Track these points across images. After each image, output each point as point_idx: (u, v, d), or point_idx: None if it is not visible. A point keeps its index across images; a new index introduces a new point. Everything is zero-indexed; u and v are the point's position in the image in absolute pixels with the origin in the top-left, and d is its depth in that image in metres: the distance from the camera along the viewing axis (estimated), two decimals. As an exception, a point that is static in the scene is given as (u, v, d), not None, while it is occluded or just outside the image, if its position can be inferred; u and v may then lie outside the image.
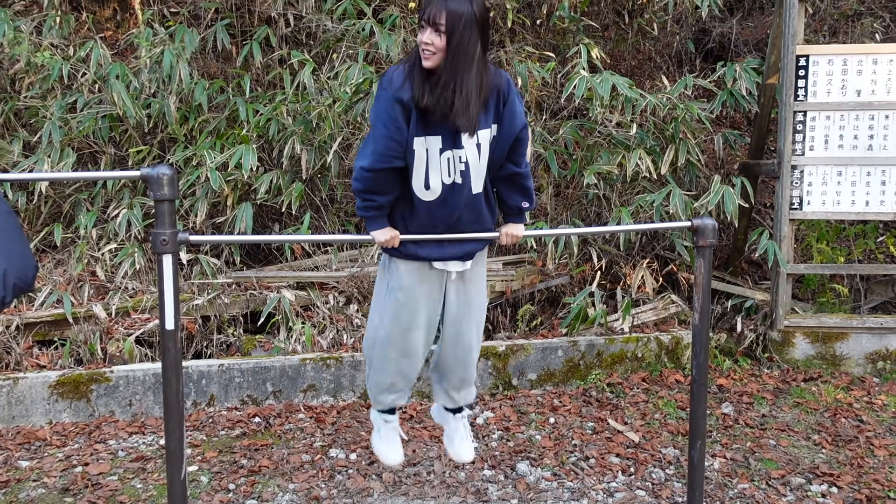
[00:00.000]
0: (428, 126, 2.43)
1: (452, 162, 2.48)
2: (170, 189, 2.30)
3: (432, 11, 2.32)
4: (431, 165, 2.46)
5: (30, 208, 4.92)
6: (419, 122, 2.41)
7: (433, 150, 2.45)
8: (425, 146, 2.44)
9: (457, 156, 2.47)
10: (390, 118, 2.38)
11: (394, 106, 2.38)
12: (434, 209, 2.54)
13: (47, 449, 3.66)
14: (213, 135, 4.95)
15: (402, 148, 2.42)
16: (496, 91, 2.46)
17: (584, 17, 5.89)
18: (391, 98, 2.38)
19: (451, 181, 2.50)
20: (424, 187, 2.50)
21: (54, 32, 5.20)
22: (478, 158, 2.49)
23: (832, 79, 4.73)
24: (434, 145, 2.44)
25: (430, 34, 2.33)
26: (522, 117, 2.55)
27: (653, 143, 5.13)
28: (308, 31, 5.66)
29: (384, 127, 2.39)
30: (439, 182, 2.49)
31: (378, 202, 2.51)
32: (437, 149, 2.45)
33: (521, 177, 2.63)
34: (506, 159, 2.58)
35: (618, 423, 4.02)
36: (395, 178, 2.49)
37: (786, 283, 4.85)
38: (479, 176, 2.53)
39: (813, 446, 3.80)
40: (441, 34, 2.32)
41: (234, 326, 4.54)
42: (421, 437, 3.81)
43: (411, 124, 2.40)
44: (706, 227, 2.67)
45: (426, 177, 2.48)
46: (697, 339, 2.73)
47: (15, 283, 2.15)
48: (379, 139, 2.41)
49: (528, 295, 5.00)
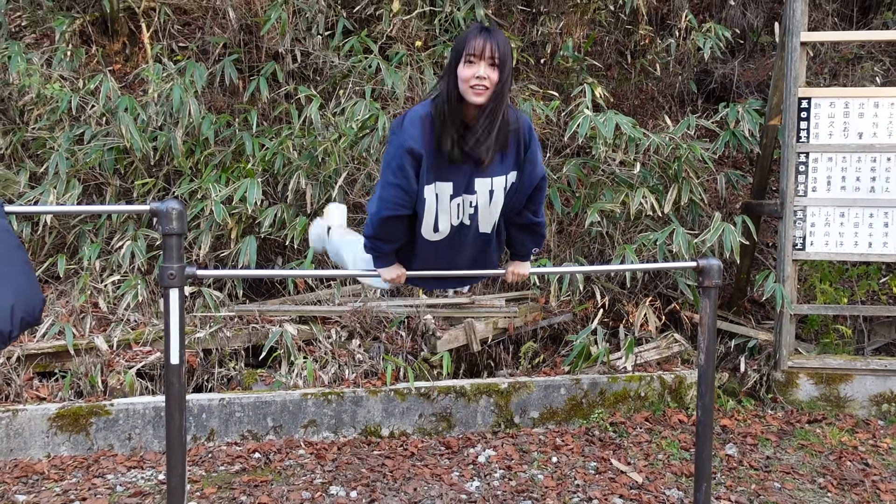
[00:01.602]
0: (440, 173, 2.39)
1: (462, 206, 2.47)
2: (178, 223, 2.30)
3: (485, 45, 2.24)
4: (441, 209, 2.44)
5: (34, 239, 4.92)
6: (431, 169, 2.37)
7: (444, 196, 2.42)
8: (436, 192, 2.41)
9: (467, 201, 2.46)
10: (399, 168, 2.35)
11: (403, 156, 2.34)
12: (440, 248, 2.55)
13: (45, 483, 3.62)
14: (219, 168, 4.98)
15: (409, 197, 2.39)
16: (517, 136, 2.41)
17: (587, 56, 5.96)
18: (401, 147, 2.34)
19: (459, 222, 2.50)
20: (433, 230, 2.50)
21: (64, 65, 5.26)
22: (488, 203, 2.47)
23: (834, 121, 4.78)
24: (445, 191, 2.42)
25: (486, 68, 2.25)
26: (542, 167, 2.51)
27: (656, 181, 5.16)
28: (315, 66, 5.73)
29: (392, 175, 2.36)
30: (448, 224, 2.49)
31: (384, 250, 2.53)
32: (448, 195, 2.43)
33: (538, 226, 2.64)
34: (524, 208, 2.56)
35: (621, 463, 3.98)
36: (404, 225, 2.47)
37: (789, 324, 4.84)
38: (487, 218, 2.52)
39: (818, 490, 3.75)
40: (495, 68, 2.26)
41: (235, 360, 4.52)
42: (422, 476, 3.77)
43: (422, 172, 2.37)
44: (712, 267, 2.68)
45: (435, 221, 2.47)
46: (703, 380, 2.72)
47: (23, 318, 2.15)
48: (387, 187, 2.38)
49: (531, 332, 4.98)
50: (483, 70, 2.25)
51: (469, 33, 2.28)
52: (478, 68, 2.25)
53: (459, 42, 2.30)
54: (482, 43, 2.24)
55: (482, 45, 2.24)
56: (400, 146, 2.34)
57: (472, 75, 2.26)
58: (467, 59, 2.26)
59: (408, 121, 2.35)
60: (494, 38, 2.25)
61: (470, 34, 2.27)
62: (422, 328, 4.75)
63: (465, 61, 2.27)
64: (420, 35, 5.70)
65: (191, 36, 6.03)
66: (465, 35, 2.29)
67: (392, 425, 4.27)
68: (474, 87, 2.27)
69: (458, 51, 2.29)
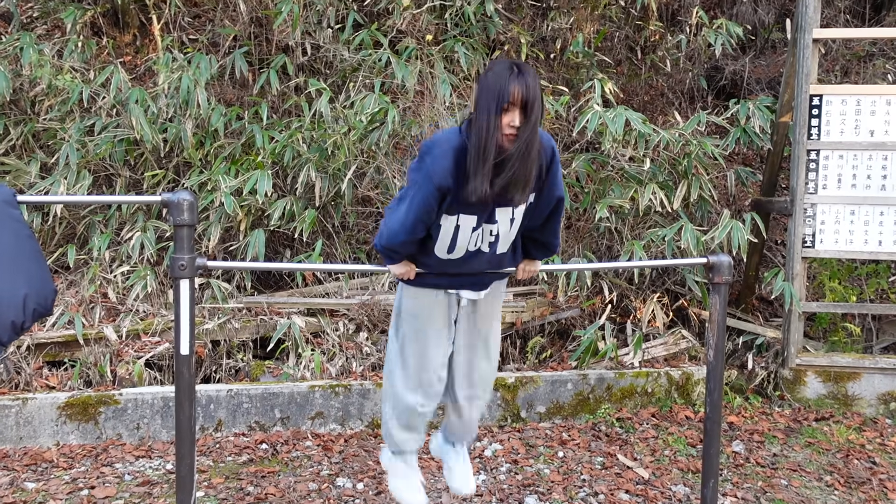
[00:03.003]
0: (465, 205, 2.36)
1: (482, 235, 2.47)
2: (189, 215, 2.31)
3: (522, 93, 2.18)
4: (460, 236, 2.44)
5: (44, 229, 4.95)
6: (456, 201, 2.34)
7: (465, 227, 2.41)
8: (457, 223, 2.40)
9: (488, 230, 2.46)
10: (424, 202, 2.32)
11: (432, 193, 2.30)
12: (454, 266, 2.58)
13: (54, 471, 3.65)
14: (229, 160, 4.99)
15: (428, 226, 2.40)
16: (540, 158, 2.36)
17: (597, 52, 5.95)
18: (430, 182, 2.28)
19: (477, 248, 2.51)
20: (447, 251, 2.51)
21: (75, 56, 5.27)
22: (509, 229, 2.49)
23: (846, 118, 4.75)
24: (467, 223, 2.41)
25: (519, 115, 2.21)
26: (561, 189, 2.48)
27: (665, 178, 5.14)
28: (325, 60, 5.73)
29: (417, 209, 2.33)
30: (464, 250, 2.50)
31: (395, 259, 2.56)
32: (471, 227, 2.42)
33: (551, 246, 2.66)
34: (539, 232, 2.57)
35: (627, 458, 3.99)
36: (418, 242, 2.49)
37: (798, 322, 4.83)
38: (506, 242, 2.55)
39: (825, 487, 3.75)
40: (525, 115, 2.21)
41: (243, 352, 4.54)
42: (429, 469, 3.78)
43: (445, 203, 2.35)
44: (722, 263, 2.67)
45: (452, 245, 2.48)
46: (712, 376, 2.72)
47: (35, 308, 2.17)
48: (410, 216, 2.34)
49: (539, 327, 4.99)
50: (517, 118, 2.21)
51: (505, 77, 2.19)
52: (513, 116, 2.21)
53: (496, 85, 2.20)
54: (518, 90, 2.18)
55: (517, 93, 2.18)
56: (429, 181, 2.29)
57: (507, 124, 2.21)
58: (503, 106, 2.20)
59: (440, 152, 2.29)
60: (528, 83, 2.19)
61: (506, 78, 2.19)
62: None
63: (499, 108, 2.20)
64: (430, 29, 5.69)
65: (201, 28, 6.03)
66: (500, 78, 2.20)
67: (399, 418, 4.27)
68: (507, 135, 2.23)
69: (498, 97, 2.19)
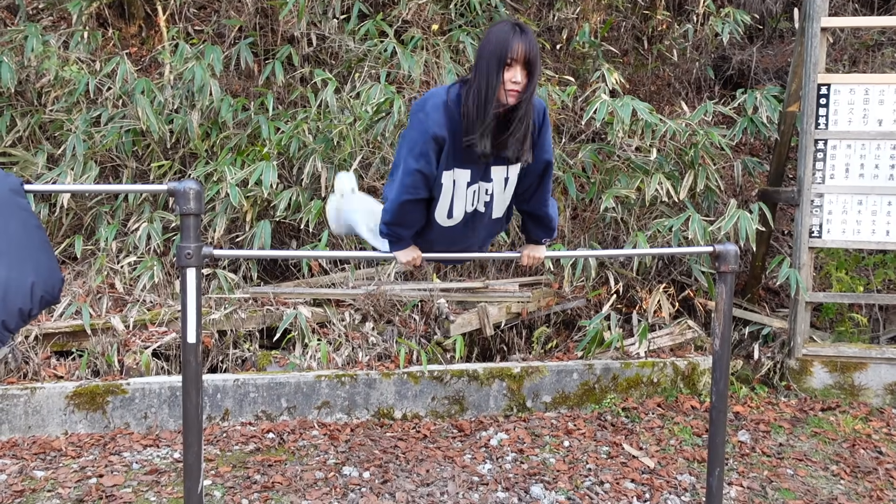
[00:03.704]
0: (459, 160, 2.41)
1: (478, 193, 2.51)
2: (196, 203, 2.32)
3: (525, 50, 2.25)
4: (457, 196, 2.48)
5: (52, 220, 4.96)
6: (451, 156, 2.39)
7: (461, 182, 2.46)
8: (453, 178, 2.44)
9: (483, 188, 2.50)
10: (422, 153, 2.36)
11: (428, 142, 2.35)
12: (454, 233, 2.59)
13: (62, 459, 3.67)
14: (234, 151, 5.00)
15: (429, 181, 2.41)
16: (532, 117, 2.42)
17: (603, 42, 5.92)
18: (426, 133, 2.34)
19: (474, 209, 2.54)
20: (447, 216, 2.53)
21: (81, 47, 5.28)
22: (503, 189, 2.53)
23: (854, 108, 4.73)
24: (462, 178, 2.45)
25: (521, 72, 2.28)
26: (550, 152, 2.52)
27: (672, 168, 5.13)
28: (330, 50, 5.72)
29: (415, 161, 2.36)
30: (462, 211, 2.53)
31: (403, 236, 2.55)
32: (465, 182, 2.46)
33: (547, 219, 2.67)
34: (533, 203, 2.60)
35: (633, 448, 3.99)
36: (421, 209, 2.49)
37: (804, 312, 4.81)
38: (501, 204, 2.58)
39: (831, 477, 3.75)
40: (528, 71, 2.29)
41: (250, 341, 4.56)
42: (435, 458, 3.79)
43: (442, 157, 2.39)
44: (728, 252, 2.67)
45: (451, 207, 2.50)
46: (718, 366, 2.71)
47: (42, 296, 2.18)
48: (409, 173, 2.38)
49: (544, 317, 4.99)
50: (519, 75, 2.27)
51: (507, 35, 2.26)
52: (515, 72, 2.27)
53: (499, 42, 2.27)
54: (521, 47, 2.25)
55: (520, 50, 2.25)
56: (424, 132, 2.34)
57: (509, 79, 2.27)
58: (506, 62, 2.26)
59: (430, 106, 2.35)
60: (530, 41, 2.26)
61: (509, 36, 2.26)
62: (435, 312, 4.76)
63: (501, 65, 2.26)
64: (436, 19, 5.68)
65: (206, 19, 6.04)
66: (503, 35, 2.27)
67: (405, 408, 4.29)
68: (510, 91, 2.29)
69: (500, 53, 2.26)
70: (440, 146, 2.36)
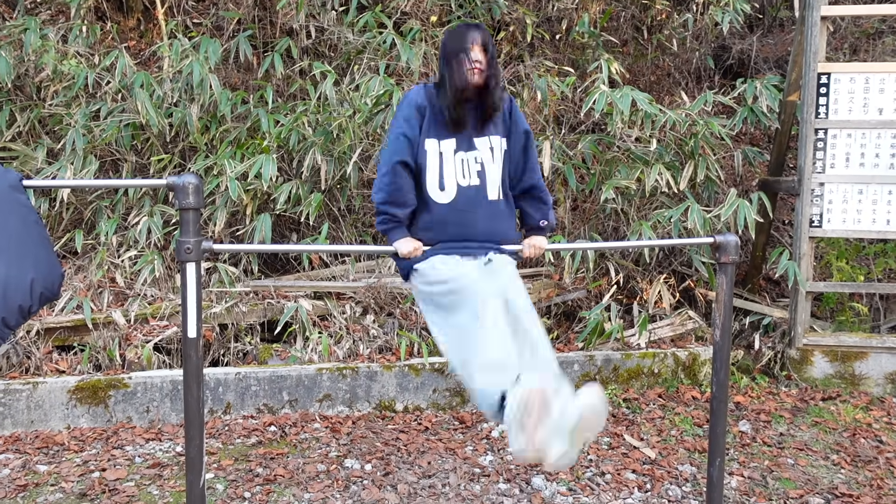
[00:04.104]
0: (441, 130, 2.62)
1: (467, 163, 2.63)
2: (195, 198, 2.32)
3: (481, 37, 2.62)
4: (446, 163, 2.62)
5: (52, 214, 4.97)
6: (432, 125, 2.62)
7: (447, 151, 2.63)
8: (438, 148, 2.62)
9: (471, 156, 2.64)
10: (406, 119, 2.62)
11: (411, 109, 2.62)
12: (451, 214, 2.58)
13: (65, 454, 3.68)
14: (234, 144, 4.99)
15: (413, 146, 2.60)
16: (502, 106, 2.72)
17: (603, 32, 5.90)
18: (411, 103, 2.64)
19: (467, 183, 2.62)
20: (439, 188, 2.61)
21: (80, 41, 5.26)
22: (492, 160, 2.66)
23: (854, 97, 4.72)
24: (448, 147, 2.63)
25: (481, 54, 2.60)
26: (526, 124, 2.78)
27: (672, 158, 5.12)
28: (329, 42, 5.71)
29: (399, 127, 2.63)
30: (454, 183, 2.61)
31: (397, 215, 2.61)
32: (452, 149, 2.63)
33: (538, 190, 2.80)
34: (522, 172, 2.77)
35: (634, 438, 4.00)
36: (410, 179, 2.61)
37: (805, 301, 4.82)
38: (494, 181, 2.66)
39: (832, 466, 3.76)
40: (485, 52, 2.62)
41: (251, 335, 4.56)
42: (436, 450, 3.81)
43: (423, 125, 2.61)
44: (728, 243, 2.67)
45: (440, 177, 2.60)
46: (718, 356, 2.72)
47: (42, 293, 2.19)
48: (396, 139, 2.62)
49: (545, 308, 4.99)
50: (481, 55, 2.60)
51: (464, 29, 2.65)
52: (476, 54, 2.61)
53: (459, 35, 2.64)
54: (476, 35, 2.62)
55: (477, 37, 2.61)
56: (409, 104, 2.65)
57: (473, 60, 2.60)
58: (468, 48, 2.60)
59: (412, 93, 2.68)
60: (483, 31, 2.65)
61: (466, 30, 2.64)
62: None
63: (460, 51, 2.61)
64: (435, 10, 5.66)
65: (205, 12, 6.02)
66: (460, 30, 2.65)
67: (406, 400, 4.30)
68: (474, 69, 2.59)
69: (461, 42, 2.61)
70: (422, 115, 2.63)
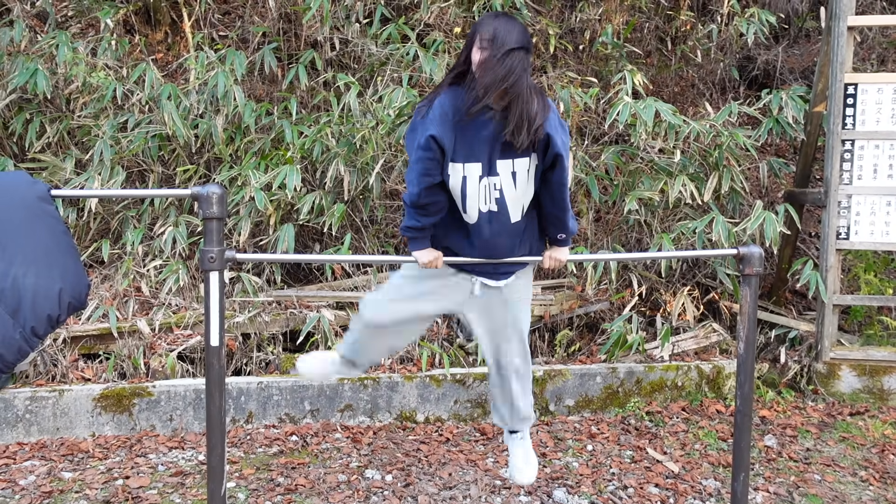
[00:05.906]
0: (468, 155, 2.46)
1: (488, 189, 2.50)
2: (219, 207, 2.34)
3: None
4: (469, 189, 2.49)
5: (79, 224, 5.04)
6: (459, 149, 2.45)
7: (472, 176, 2.48)
8: (463, 174, 2.48)
9: (492, 183, 2.49)
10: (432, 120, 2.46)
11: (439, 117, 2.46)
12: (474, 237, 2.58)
13: (90, 461, 3.72)
14: (258, 155, 5.04)
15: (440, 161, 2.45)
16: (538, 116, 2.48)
17: (626, 43, 5.89)
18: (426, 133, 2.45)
19: (487, 209, 2.52)
20: (462, 210, 2.55)
21: (109, 54, 5.35)
22: (513, 185, 2.50)
23: (882, 107, 4.66)
24: (473, 172, 2.48)
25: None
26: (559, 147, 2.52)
27: (696, 169, 5.09)
28: (353, 54, 5.75)
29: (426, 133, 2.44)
30: (476, 209, 2.52)
31: (423, 223, 2.54)
32: (477, 176, 2.48)
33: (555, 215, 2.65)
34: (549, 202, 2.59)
35: (657, 452, 3.96)
36: (443, 197, 2.51)
37: (832, 315, 4.75)
38: (517, 205, 2.55)
39: (860, 483, 3.69)
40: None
41: (273, 344, 4.59)
42: (457, 461, 3.79)
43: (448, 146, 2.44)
44: (753, 255, 2.64)
45: (463, 201, 2.51)
46: (742, 369, 2.69)
47: (70, 302, 2.22)
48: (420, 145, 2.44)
49: (567, 320, 4.97)
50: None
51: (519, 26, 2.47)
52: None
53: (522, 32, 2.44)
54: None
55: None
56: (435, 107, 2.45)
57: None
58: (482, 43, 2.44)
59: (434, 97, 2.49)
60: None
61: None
62: (457, 315, 4.76)
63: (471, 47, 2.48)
64: (458, 22, 5.68)
65: (231, 25, 6.09)
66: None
67: (427, 411, 4.30)
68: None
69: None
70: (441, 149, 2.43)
